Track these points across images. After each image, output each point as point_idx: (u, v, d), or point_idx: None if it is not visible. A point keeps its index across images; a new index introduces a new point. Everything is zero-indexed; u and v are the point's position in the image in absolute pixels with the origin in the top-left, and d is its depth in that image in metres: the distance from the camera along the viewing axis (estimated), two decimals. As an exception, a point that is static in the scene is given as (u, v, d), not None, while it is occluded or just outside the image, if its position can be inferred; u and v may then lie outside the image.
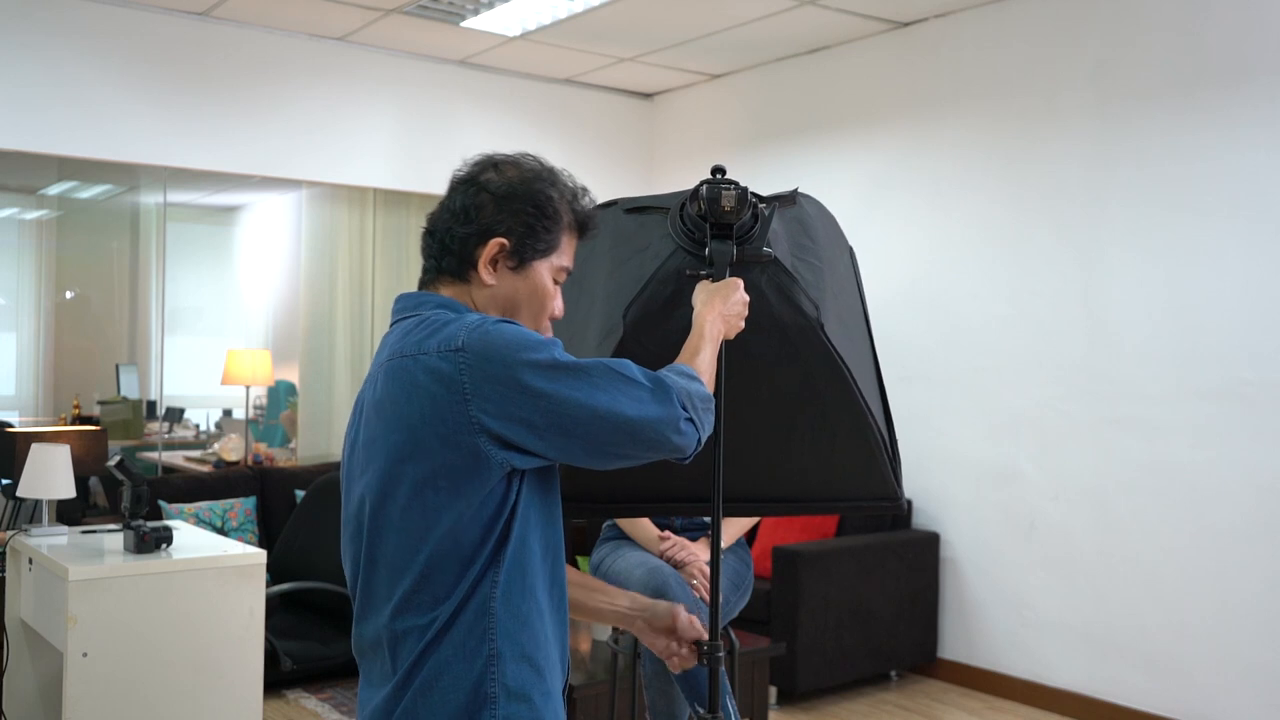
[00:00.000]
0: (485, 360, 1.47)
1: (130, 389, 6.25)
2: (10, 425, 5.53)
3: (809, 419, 2.03)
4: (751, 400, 1.98)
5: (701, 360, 1.68)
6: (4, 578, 3.88)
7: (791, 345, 1.94)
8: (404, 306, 1.65)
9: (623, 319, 1.91)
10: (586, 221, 1.70)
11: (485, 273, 1.62)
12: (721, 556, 2.16)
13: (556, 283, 1.68)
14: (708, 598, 2.57)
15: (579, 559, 6.00)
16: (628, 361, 1.55)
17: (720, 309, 1.74)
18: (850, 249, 2.20)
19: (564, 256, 1.68)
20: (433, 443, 1.48)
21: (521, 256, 1.63)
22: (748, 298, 1.80)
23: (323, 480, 5.32)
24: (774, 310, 1.91)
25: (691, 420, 1.55)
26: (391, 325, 1.65)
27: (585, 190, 1.71)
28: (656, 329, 1.91)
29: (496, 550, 1.51)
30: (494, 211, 1.61)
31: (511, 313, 1.64)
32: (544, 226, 1.63)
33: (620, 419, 1.49)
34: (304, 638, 4.78)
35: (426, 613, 1.50)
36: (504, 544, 1.52)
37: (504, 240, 1.61)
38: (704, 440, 1.59)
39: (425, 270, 1.68)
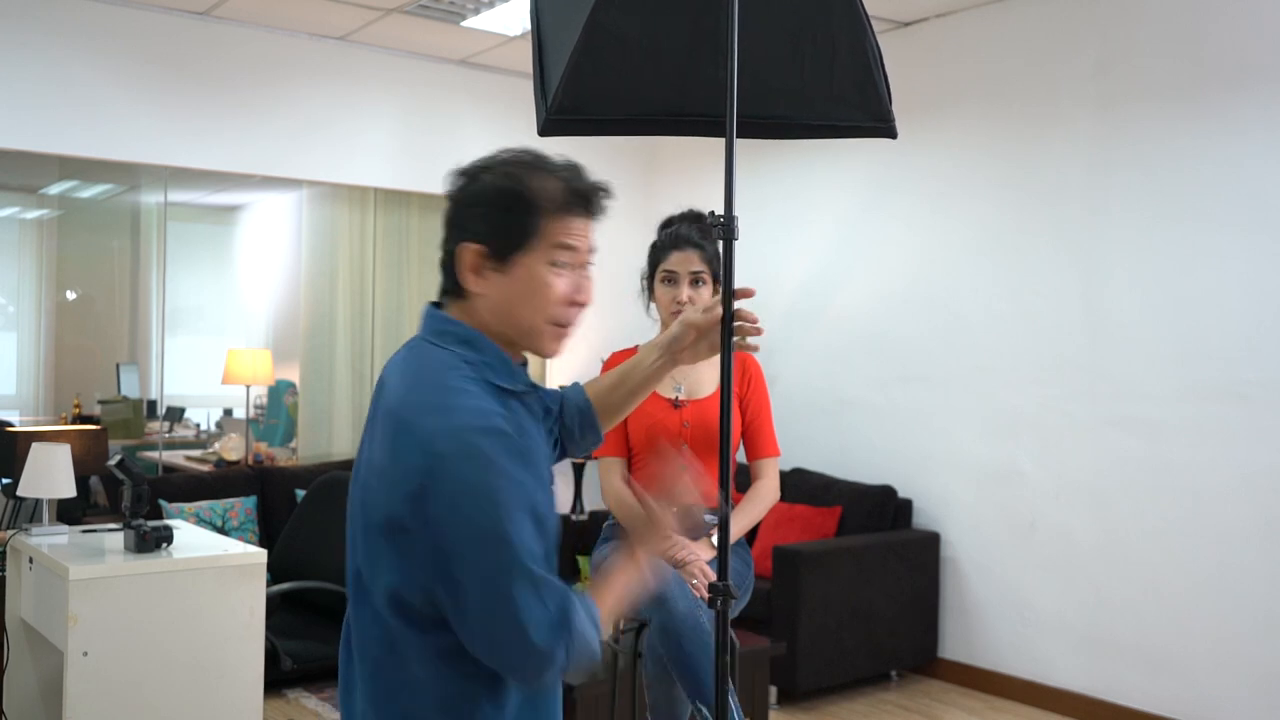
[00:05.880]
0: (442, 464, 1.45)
1: (131, 388, 6.24)
2: (11, 424, 5.52)
3: (809, 29, 2.07)
4: (754, 13, 1.99)
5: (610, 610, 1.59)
6: (4, 577, 3.88)
7: None
8: (438, 330, 1.61)
9: None
10: (586, 194, 1.58)
11: (473, 283, 1.56)
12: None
13: (559, 264, 1.56)
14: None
15: (579, 559, 6.00)
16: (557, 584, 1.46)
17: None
18: None
19: (555, 237, 1.55)
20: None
21: (501, 255, 1.54)
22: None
23: (323, 480, 5.32)
24: None
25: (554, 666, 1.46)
26: (423, 340, 1.60)
27: (577, 166, 1.61)
28: None
29: None
30: (464, 218, 1.56)
31: (514, 316, 1.56)
32: (516, 218, 1.54)
33: (508, 608, 1.41)
34: (304, 637, 4.77)
35: None
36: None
37: (477, 245, 1.54)
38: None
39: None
